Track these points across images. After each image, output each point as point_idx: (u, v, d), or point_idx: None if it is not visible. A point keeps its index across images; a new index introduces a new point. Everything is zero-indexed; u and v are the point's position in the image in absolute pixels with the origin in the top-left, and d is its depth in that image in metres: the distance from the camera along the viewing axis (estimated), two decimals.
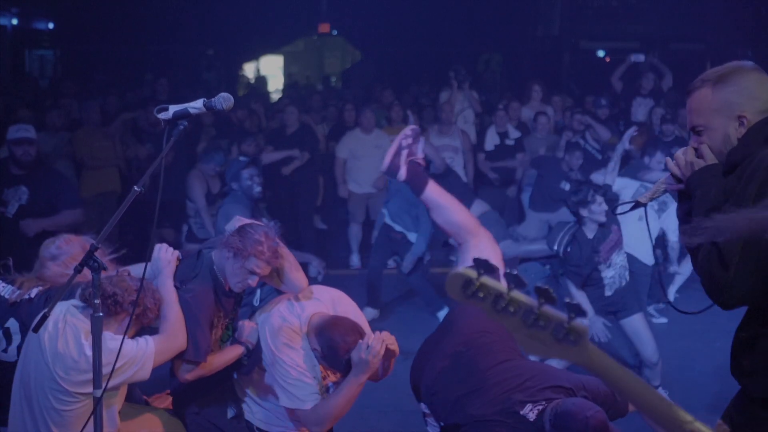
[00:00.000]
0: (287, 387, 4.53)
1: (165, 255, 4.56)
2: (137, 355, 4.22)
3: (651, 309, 9.81)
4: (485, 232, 4.94)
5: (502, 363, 4.44)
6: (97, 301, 3.58)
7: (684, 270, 10.18)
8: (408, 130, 5.14)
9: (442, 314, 8.91)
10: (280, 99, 16.31)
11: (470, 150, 11.67)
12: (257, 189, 7.54)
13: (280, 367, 4.54)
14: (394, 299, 10.12)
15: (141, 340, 4.31)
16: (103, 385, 3.59)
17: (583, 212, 7.20)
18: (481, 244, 4.84)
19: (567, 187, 10.40)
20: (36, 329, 3.67)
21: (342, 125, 12.68)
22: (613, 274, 7.30)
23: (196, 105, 3.74)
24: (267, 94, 19.77)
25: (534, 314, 2.00)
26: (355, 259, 11.49)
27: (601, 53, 23.53)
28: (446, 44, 20.20)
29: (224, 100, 3.73)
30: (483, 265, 2.00)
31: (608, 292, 7.26)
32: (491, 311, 2.02)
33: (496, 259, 4.76)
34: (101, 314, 3.60)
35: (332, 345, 4.43)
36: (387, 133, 11.64)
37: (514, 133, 11.88)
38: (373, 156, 10.92)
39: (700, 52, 21.69)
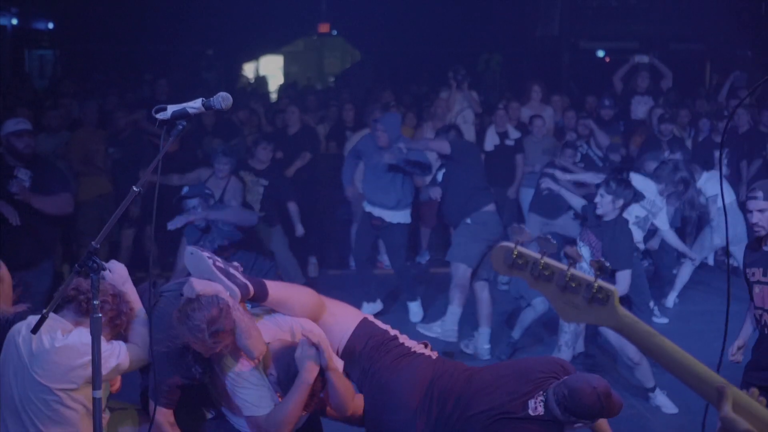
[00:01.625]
0: (243, 395, 4.47)
1: (122, 271, 4.55)
2: (111, 353, 4.26)
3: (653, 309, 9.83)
4: (330, 302, 4.94)
5: (471, 388, 4.50)
6: (96, 302, 3.57)
7: (683, 275, 10.20)
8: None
9: (413, 304, 8.91)
10: (279, 99, 16.30)
11: None
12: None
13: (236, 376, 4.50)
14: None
15: (115, 343, 4.35)
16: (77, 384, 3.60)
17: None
18: (333, 313, 4.85)
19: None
20: (34, 330, 3.68)
21: (341, 125, 12.70)
22: None
23: (195, 105, 3.70)
24: (267, 94, 19.77)
25: (565, 277, 2.05)
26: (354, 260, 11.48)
27: (600, 53, 23.54)
28: (446, 44, 20.19)
29: (223, 99, 3.70)
30: (520, 232, 2.10)
31: None
32: (532, 280, 2.11)
33: (352, 321, 4.81)
34: (100, 315, 3.59)
35: (290, 371, 4.34)
36: (404, 134, 11.66)
37: (514, 134, 11.88)
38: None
39: (700, 53, 21.72)
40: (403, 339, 4.86)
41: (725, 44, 20.02)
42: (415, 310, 9.49)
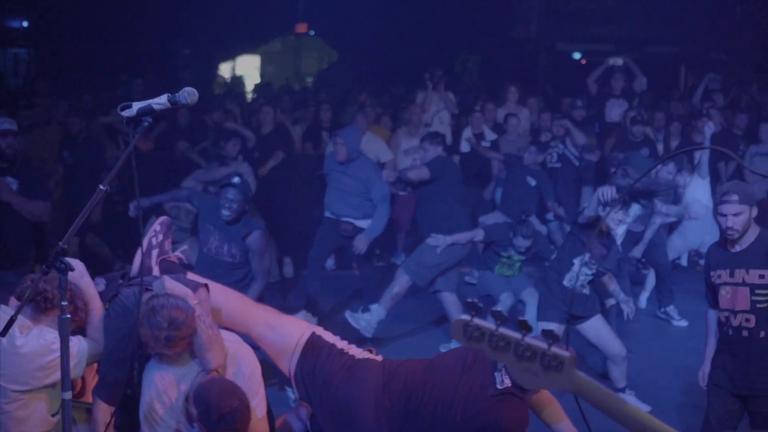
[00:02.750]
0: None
1: (79, 266, 4.48)
2: (72, 352, 4.20)
3: (670, 310, 9.91)
4: (263, 310, 5.00)
5: (435, 376, 4.57)
6: (64, 303, 3.55)
7: (654, 275, 10.26)
8: (157, 225, 5.03)
9: (374, 307, 8.96)
10: (255, 99, 16.27)
11: None
12: (225, 213, 7.35)
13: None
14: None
15: (74, 339, 4.30)
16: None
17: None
18: (266, 321, 4.90)
19: (533, 183, 10.58)
20: (3, 333, 3.65)
21: (318, 126, 12.68)
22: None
23: (160, 101, 3.66)
24: (243, 93, 19.71)
25: (521, 347, 2.06)
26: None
27: (577, 55, 23.60)
28: (423, 45, 20.18)
29: (188, 94, 3.65)
30: (473, 307, 2.09)
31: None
32: (490, 350, 2.11)
33: (294, 336, 4.82)
34: (69, 316, 3.57)
35: (208, 409, 4.23)
36: (380, 136, 11.68)
37: (490, 135, 11.91)
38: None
39: (676, 55, 21.82)
40: (349, 349, 4.85)
41: (700, 47, 20.12)
42: (379, 311, 9.44)
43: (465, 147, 12.04)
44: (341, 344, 4.86)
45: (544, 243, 9.30)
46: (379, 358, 4.86)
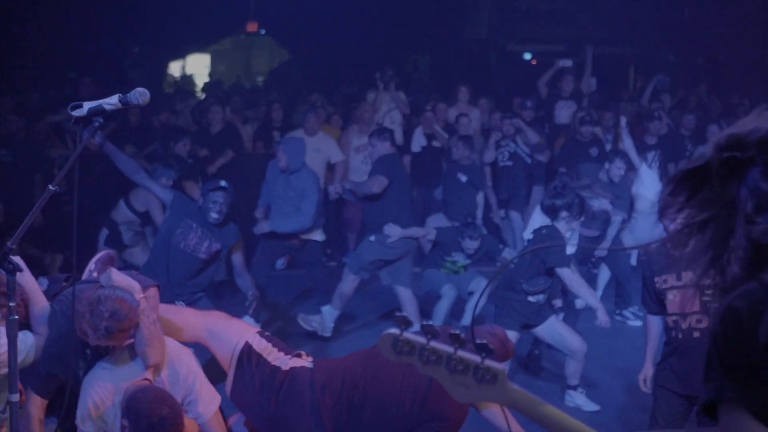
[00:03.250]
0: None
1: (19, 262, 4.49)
2: (19, 347, 4.18)
3: (628, 312, 9.96)
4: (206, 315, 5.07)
5: (371, 365, 4.67)
6: (12, 304, 3.51)
7: (605, 275, 10.35)
8: (92, 263, 5.11)
9: (325, 309, 8.98)
10: (205, 98, 16.18)
11: None
12: (214, 216, 7.37)
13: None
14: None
15: (21, 334, 4.26)
16: None
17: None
18: (221, 326, 5.01)
19: (464, 179, 10.65)
20: None
21: (269, 125, 12.63)
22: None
23: (111, 101, 3.65)
24: (193, 93, 19.58)
25: (453, 360, 2.04)
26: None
27: (527, 56, 23.74)
28: (375, 45, 20.18)
29: (140, 94, 3.65)
30: (403, 321, 2.06)
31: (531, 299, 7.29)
32: (420, 365, 2.08)
33: (237, 334, 4.90)
34: (16, 317, 3.53)
35: (138, 418, 4.22)
36: (330, 135, 11.65)
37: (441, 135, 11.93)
38: (313, 159, 10.95)
39: (626, 56, 22.02)
40: (277, 359, 4.88)
41: (649, 48, 20.36)
42: (331, 312, 9.38)
43: (416, 147, 12.07)
44: (271, 354, 4.88)
45: (492, 243, 9.37)
46: (309, 361, 4.91)
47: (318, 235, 9.35)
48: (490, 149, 11.71)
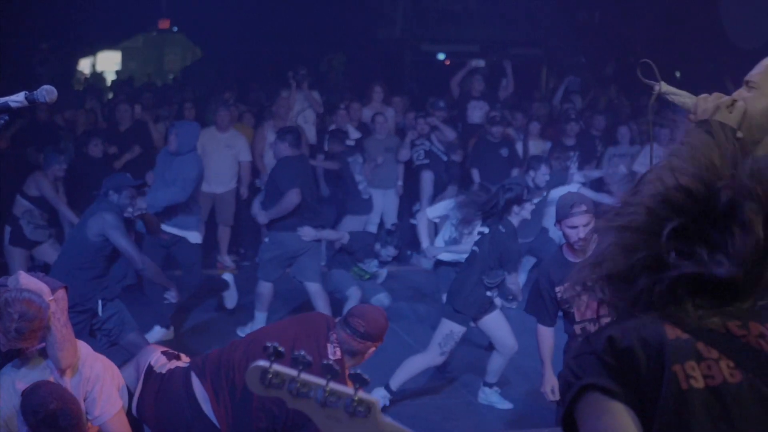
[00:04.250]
0: None
1: None
2: None
3: None
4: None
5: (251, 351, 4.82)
6: None
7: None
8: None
9: (257, 314, 9.00)
10: (114, 96, 15.94)
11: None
12: (130, 210, 7.22)
13: None
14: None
15: None
16: None
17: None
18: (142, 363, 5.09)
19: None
20: None
21: None
22: None
23: (17, 98, 3.54)
24: (104, 90, 19.27)
25: (325, 392, 1.97)
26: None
27: (441, 56, 23.86)
28: (289, 43, 20.09)
29: (47, 92, 3.54)
30: (273, 353, 1.98)
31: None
32: (290, 398, 1.99)
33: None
34: None
35: (32, 412, 4.12)
36: (243, 134, 11.57)
37: (354, 134, 11.92)
38: (224, 155, 11.09)
39: (537, 57, 22.29)
40: (161, 368, 5.04)
41: (561, 50, 20.62)
42: (259, 317, 9.26)
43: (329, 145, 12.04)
44: (158, 363, 5.06)
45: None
46: (187, 361, 5.10)
47: (193, 237, 9.22)
48: (405, 148, 11.76)
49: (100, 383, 4.62)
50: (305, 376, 1.98)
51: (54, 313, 4.35)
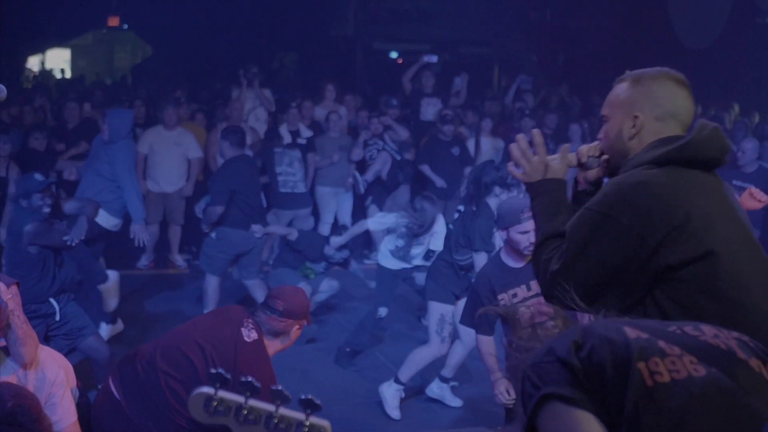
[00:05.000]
0: None
1: None
2: None
3: None
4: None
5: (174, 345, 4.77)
6: None
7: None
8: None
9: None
10: (64, 94, 15.76)
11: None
12: (47, 210, 7.11)
13: None
14: None
15: None
16: None
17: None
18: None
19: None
20: None
21: None
22: None
23: None
24: (53, 88, 19.05)
25: (274, 419, 1.92)
26: (144, 259, 11.19)
27: (393, 54, 23.90)
28: (241, 41, 19.99)
29: None
30: (218, 379, 1.91)
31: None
32: (236, 426, 1.92)
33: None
34: None
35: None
36: (194, 133, 11.47)
37: (306, 132, 11.86)
38: (173, 153, 10.96)
39: (489, 56, 22.40)
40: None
41: (512, 49, 20.73)
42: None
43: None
44: None
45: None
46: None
47: (106, 221, 8.81)
48: (358, 147, 11.73)
49: (63, 390, 4.57)
50: (253, 402, 1.92)
51: (13, 311, 4.32)
